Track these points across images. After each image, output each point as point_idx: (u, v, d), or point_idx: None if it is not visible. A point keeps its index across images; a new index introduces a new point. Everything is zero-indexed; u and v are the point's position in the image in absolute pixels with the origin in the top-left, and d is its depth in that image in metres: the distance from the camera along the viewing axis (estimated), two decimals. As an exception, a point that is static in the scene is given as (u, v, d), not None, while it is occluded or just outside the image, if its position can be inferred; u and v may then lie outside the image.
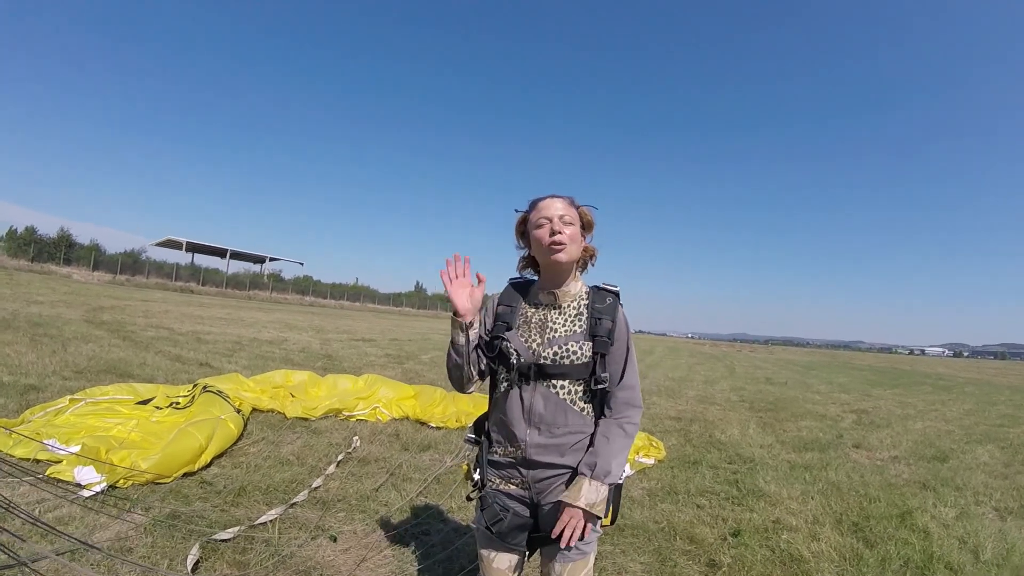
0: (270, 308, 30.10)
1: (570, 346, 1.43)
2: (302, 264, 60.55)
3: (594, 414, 1.49)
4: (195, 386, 4.83)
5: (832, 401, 10.77)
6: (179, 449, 3.32)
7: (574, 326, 1.47)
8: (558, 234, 1.43)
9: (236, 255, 53.62)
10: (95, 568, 2.20)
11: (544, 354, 1.44)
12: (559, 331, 1.46)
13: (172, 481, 3.16)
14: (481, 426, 1.60)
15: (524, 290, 1.58)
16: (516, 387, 1.45)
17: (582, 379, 1.45)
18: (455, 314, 1.45)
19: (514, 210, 1.57)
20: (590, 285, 1.56)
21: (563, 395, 1.44)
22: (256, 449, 3.98)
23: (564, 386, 1.44)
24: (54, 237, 38.36)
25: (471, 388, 1.55)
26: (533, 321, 1.50)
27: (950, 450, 6.21)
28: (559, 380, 1.43)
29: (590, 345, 1.44)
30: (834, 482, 4.48)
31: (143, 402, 4.40)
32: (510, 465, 1.49)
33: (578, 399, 1.45)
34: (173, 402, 4.46)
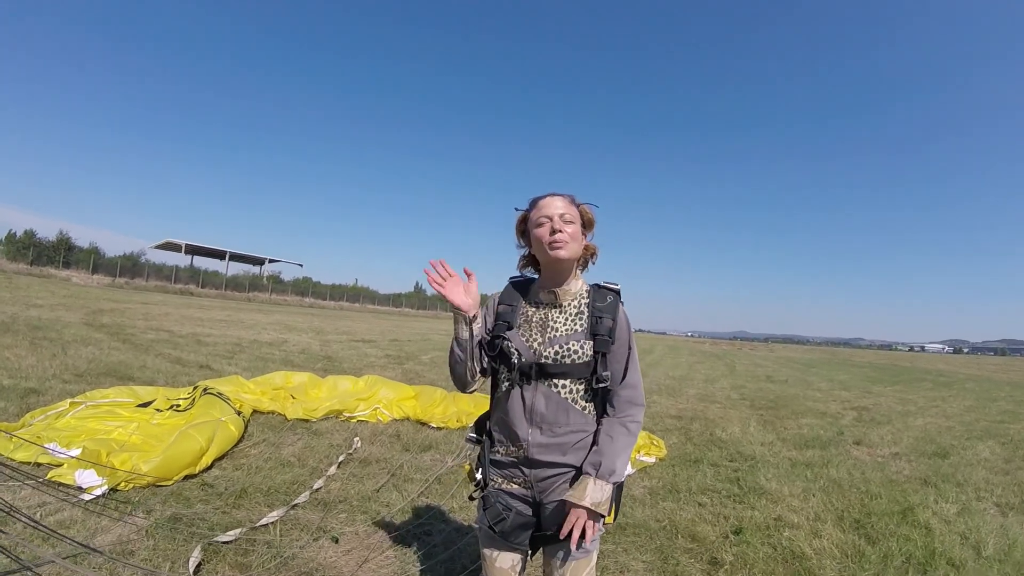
0: (270, 310, 30.09)
1: (571, 345, 1.43)
2: (301, 265, 60.60)
3: (596, 413, 1.48)
4: (195, 388, 4.83)
5: (833, 398, 10.78)
6: (180, 451, 3.32)
7: (575, 325, 1.46)
8: (559, 232, 1.43)
9: (235, 257, 53.58)
10: (97, 571, 2.20)
11: (545, 353, 1.43)
12: (560, 330, 1.46)
13: (173, 484, 3.16)
14: (483, 425, 1.60)
15: (524, 289, 1.57)
16: (517, 386, 1.45)
17: (583, 378, 1.44)
18: (457, 309, 1.45)
19: (514, 208, 1.57)
20: (590, 283, 1.55)
21: (565, 394, 1.44)
22: (257, 451, 3.98)
23: (566, 385, 1.44)
24: (53, 240, 38.34)
25: (473, 386, 1.55)
26: (534, 320, 1.49)
27: (951, 446, 6.21)
28: (560, 379, 1.43)
29: (591, 344, 1.43)
30: (835, 479, 4.49)
31: (143, 405, 4.39)
32: (512, 464, 1.49)
33: (580, 398, 1.45)
34: (173, 405, 4.45)
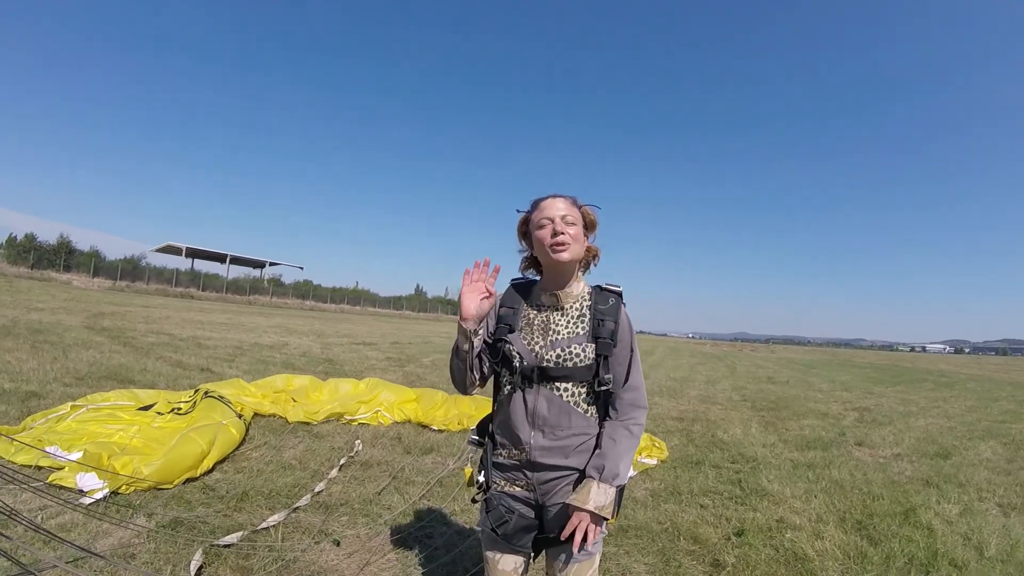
0: (270, 313, 30.10)
1: (573, 348, 1.43)
2: (302, 268, 60.64)
3: (598, 416, 1.48)
4: (196, 391, 4.83)
5: (834, 399, 10.76)
6: (181, 455, 3.32)
7: (577, 328, 1.46)
8: (560, 234, 1.42)
9: (236, 260, 53.59)
10: (98, 575, 2.20)
11: (547, 357, 1.43)
12: (562, 333, 1.46)
13: (174, 487, 3.16)
14: (485, 428, 1.60)
15: (526, 291, 1.57)
16: (519, 390, 1.45)
17: (585, 381, 1.44)
18: (461, 318, 1.44)
19: (516, 210, 1.56)
20: (592, 285, 1.55)
21: (567, 397, 1.43)
22: (258, 454, 3.97)
23: (567, 388, 1.43)
24: (54, 244, 38.39)
25: (473, 390, 1.55)
26: (535, 323, 1.49)
27: (953, 447, 6.20)
28: (562, 383, 1.43)
29: (593, 347, 1.43)
30: (837, 480, 4.48)
31: (144, 408, 4.39)
32: (515, 467, 1.49)
33: (582, 401, 1.45)
34: (175, 408, 4.45)
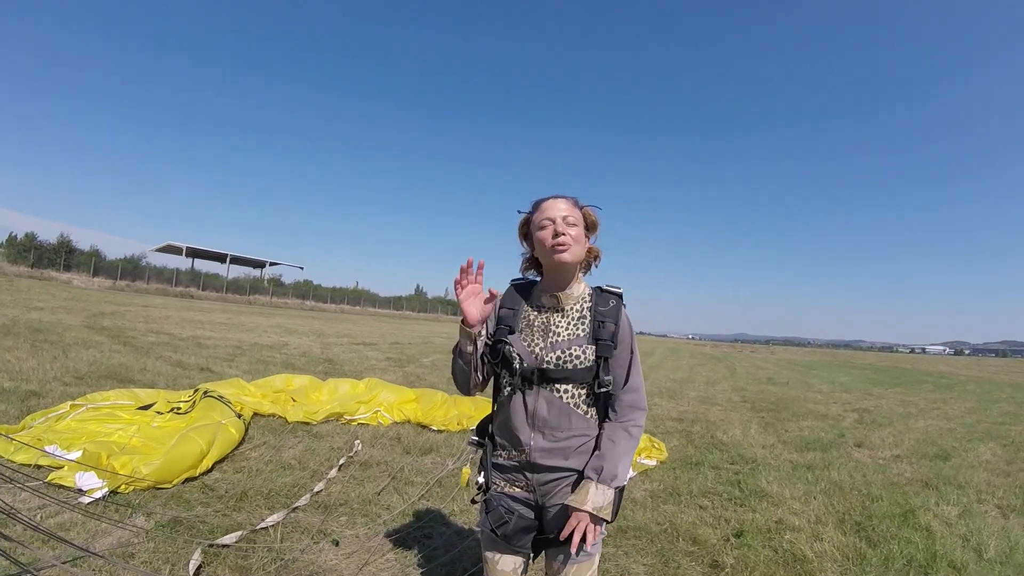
0: (270, 313, 30.09)
1: (573, 350, 1.43)
2: (302, 268, 60.62)
3: (598, 417, 1.48)
4: (196, 391, 4.83)
5: (833, 400, 10.76)
6: (180, 454, 3.32)
7: (577, 330, 1.46)
8: (561, 235, 1.42)
9: (236, 260, 53.59)
10: (97, 574, 2.20)
11: (547, 358, 1.43)
12: (562, 335, 1.46)
13: (173, 486, 3.16)
14: (485, 429, 1.60)
15: (526, 292, 1.57)
16: (519, 391, 1.45)
17: (585, 383, 1.44)
18: (464, 323, 1.41)
19: (517, 211, 1.56)
20: (592, 286, 1.55)
21: (567, 399, 1.43)
22: (257, 454, 3.97)
23: (568, 390, 1.43)
24: (54, 243, 38.37)
25: (476, 392, 1.55)
26: (536, 324, 1.49)
27: (952, 448, 6.20)
28: (562, 384, 1.43)
29: (593, 349, 1.43)
30: (836, 482, 4.48)
31: (144, 407, 4.39)
32: (515, 468, 1.49)
33: (582, 403, 1.45)
34: (174, 407, 4.45)
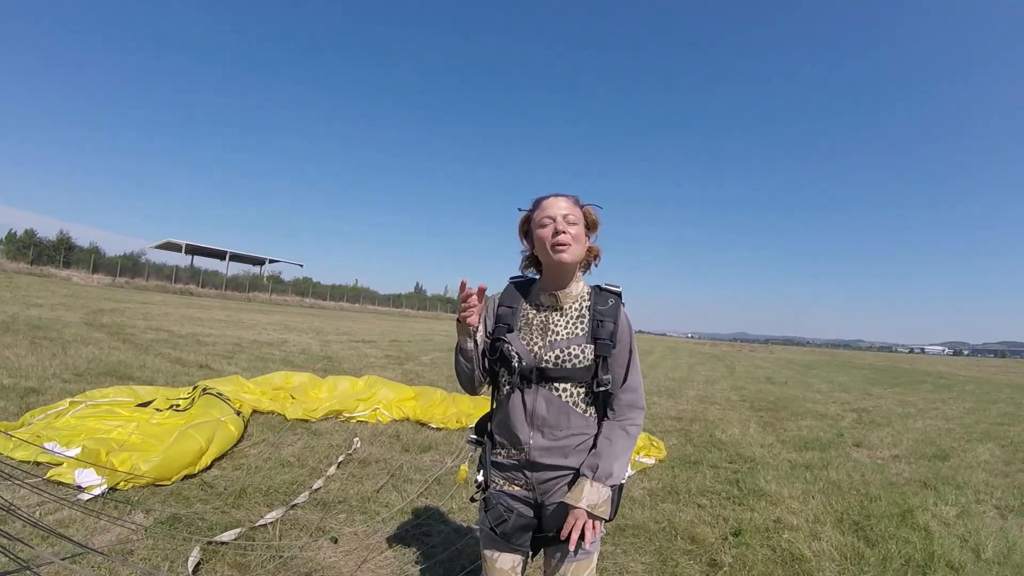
0: (270, 310, 30.08)
1: (572, 349, 1.43)
2: (302, 266, 60.58)
3: (597, 416, 1.48)
4: (195, 388, 4.82)
5: (832, 400, 10.78)
6: (179, 451, 3.32)
7: (576, 328, 1.46)
8: (562, 234, 1.42)
9: (235, 257, 53.58)
10: (96, 571, 2.20)
11: (546, 357, 1.43)
12: (561, 334, 1.45)
13: (172, 483, 3.16)
14: (484, 427, 1.60)
15: (525, 290, 1.56)
16: (518, 390, 1.45)
17: (584, 382, 1.44)
18: (464, 321, 1.41)
19: (517, 209, 1.55)
20: (592, 285, 1.54)
21: (565, 398, 1.43)
22: (256, 451, 3.98)
23: (566, 389, 1.43)
24: (53, 240, 38.32)
25: (482, 390, 1.55)
26: (535, 323, 1.49)
27: (951, 449, 6.21)
28: (561, 383, 1.43)
29: (592, 348, 1.43)
30: (835, 481, 4.48)
31: (143, 404, 4.39)
32: (514, 467, 1.49)
33: (580, 401, 1.45)
34: (173, 404, 4.45)
